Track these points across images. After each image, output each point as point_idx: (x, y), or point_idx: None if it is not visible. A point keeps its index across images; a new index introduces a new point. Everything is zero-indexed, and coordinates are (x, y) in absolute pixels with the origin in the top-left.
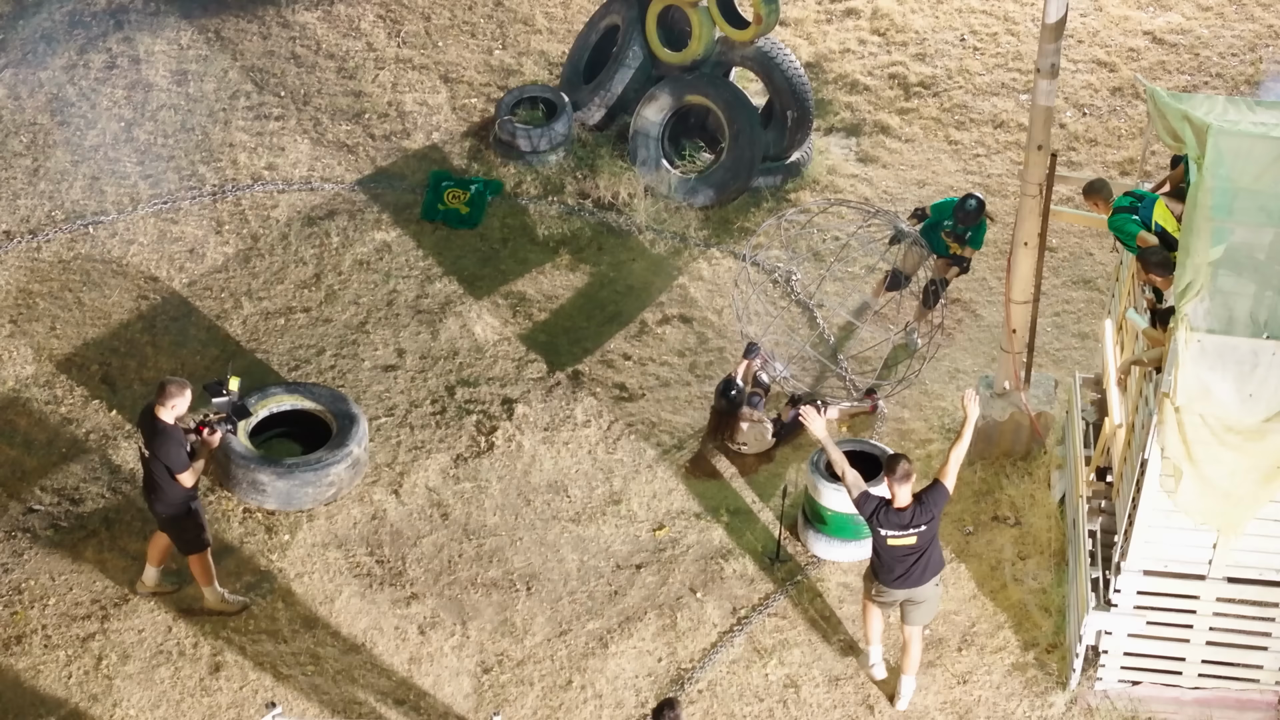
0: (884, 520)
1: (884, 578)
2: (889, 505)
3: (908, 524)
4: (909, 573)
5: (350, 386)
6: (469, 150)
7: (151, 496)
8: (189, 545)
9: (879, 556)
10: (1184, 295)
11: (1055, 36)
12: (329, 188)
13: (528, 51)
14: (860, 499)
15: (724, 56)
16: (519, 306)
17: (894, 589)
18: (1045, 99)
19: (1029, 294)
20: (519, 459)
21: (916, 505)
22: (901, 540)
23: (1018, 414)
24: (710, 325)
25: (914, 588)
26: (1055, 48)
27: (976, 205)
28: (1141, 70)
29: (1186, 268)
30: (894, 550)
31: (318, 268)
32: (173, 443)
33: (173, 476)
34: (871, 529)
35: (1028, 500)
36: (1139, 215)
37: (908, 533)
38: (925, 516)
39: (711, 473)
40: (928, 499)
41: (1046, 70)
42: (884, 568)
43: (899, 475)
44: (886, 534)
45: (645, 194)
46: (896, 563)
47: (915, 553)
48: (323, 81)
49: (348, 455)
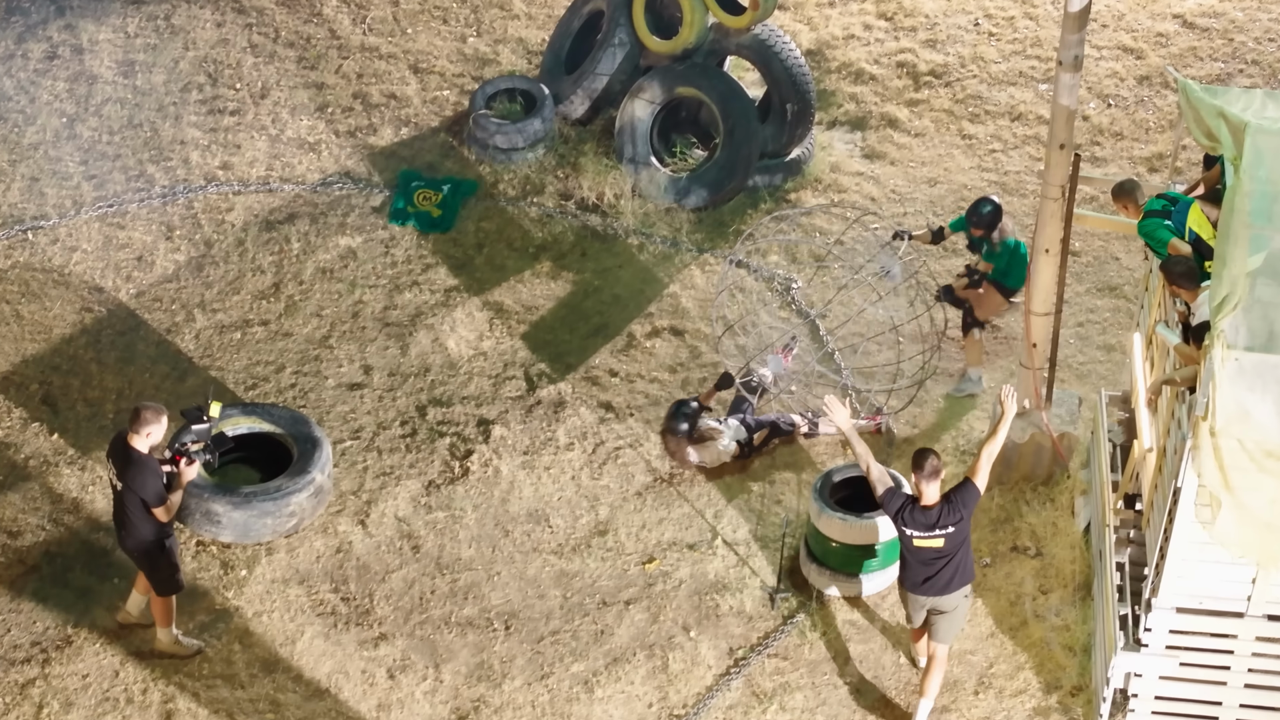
0: (910, 519)
1: (909, 582)
2: (915, 504)
3: (935, 524)
4: (935, 578)
5: (312, 407)
6: (441, 147)
7: (122, 532)
8: (162, 586)
9: (907, 556)
10: (1220, 309)
11: (1078, 26)
12: (289, 189)
13: (504, 39)
14: (886, 495)
15: (718, 45)
16: (496, 318)
17: (919, 595)
18: (1068, 94)
19: (1050, 305)
20: (496, 486)
21: (945, 505)
22: (928, 542)
23: (1038, 435)
24: (703, 338)
25: (940, 596)
26: (1079, 38)
27: (991, 210)
28: (1171, 58)
29: (1223, 279)
30: (920, 553)
31: (277, 277)
32: (148, 474)
33: (147, 511)
34: (897, 529)
35: (1050, 529)
36: (1172, 221)
37: (935, 534)
38: (954, 517)
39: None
40: (957, 499)
41: (1069, 63)
42: (909, 571)
43: (927, 471)
44: (912, 534)
45: (633, 194)
46: (922, 566)
47: (943, 557)
48: (282, 73)
49: (310, 483)
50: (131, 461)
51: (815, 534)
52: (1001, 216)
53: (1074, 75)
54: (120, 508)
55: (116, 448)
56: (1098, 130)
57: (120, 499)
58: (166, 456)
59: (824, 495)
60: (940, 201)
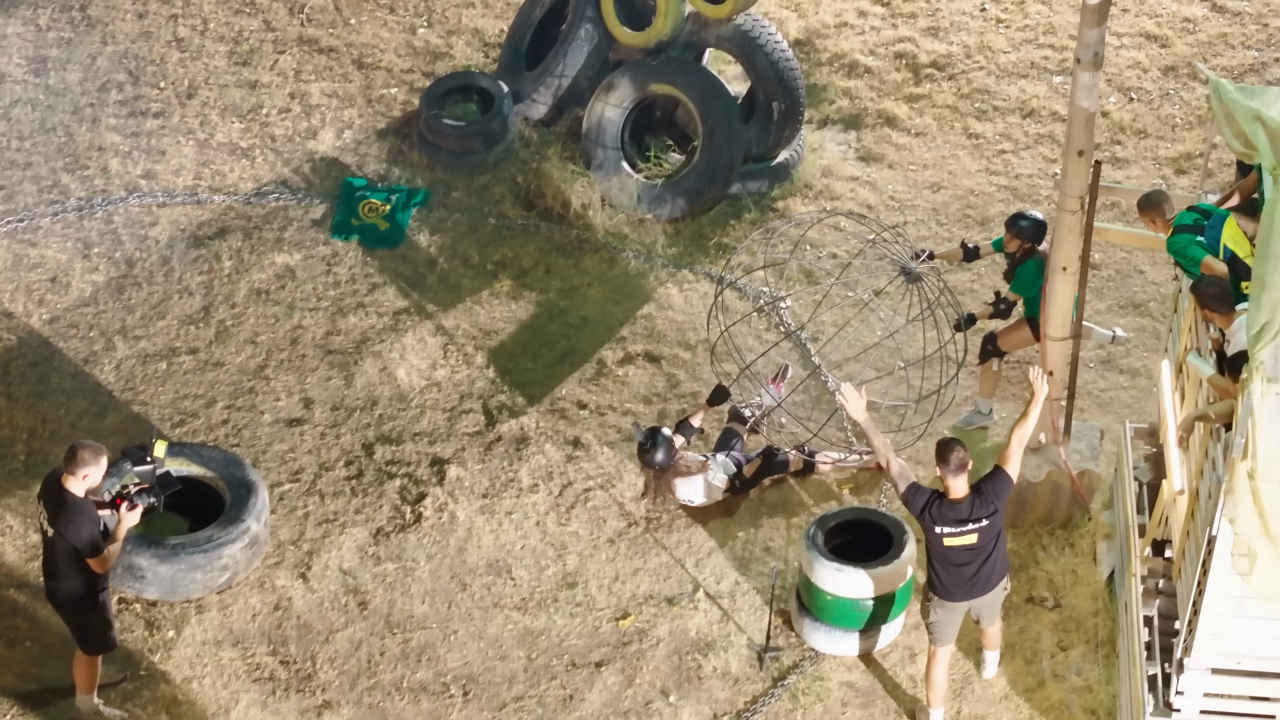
0: (939, 516)
1: (944, 590)
2: (943, 499)
3: (967, 518)
4: (975, 579)
5: (247, 446)
6: (388, 152)
7: (51, 582)
8: (92, 644)
9: (937, 565)
10: (1259, 338)
11: (1098, 20)
12: (219, 200)
13: (458, 30)
14: (909, 492)
15: (695, 36)
16: (450, 345)
17: (958, 602)
18: (1087, 95)
19: (1068, 328)
20: (452, 533)
21: (975, 497)
22: (960, 539)
23: (1056, 473)
24: (682, 364)
25: (981, 595)
26: (1099, 34)
27: (1030, 225)
28: (1199, 46)
29: (1261, 303)
30: (952, 553)
31: (206, 299)
32: (84, 520)
33: (81, 561)
34: (925, 529)
35: (1069, 578)
36: (1204, 237)
37: (967, 528)
38: (986, 509)
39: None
40: (988, 488)
41: (1088, 61)
42: (943, 577)
43: (953, 465)
44: (943, 532)
45: (602, 204)
46: (957, 570)
47: (978, 553)
48: (211, 69)
49: (244, 532)
50: (66, 506)
51: (808, 586)
52: (1043, 236)
53: (1093, 75)
54: (50, 555)
55: (49, 489)
56: (1118, 127)
57: (51, 546)
58: (105, 500)
59: (818, 542)
60: (944, 209)
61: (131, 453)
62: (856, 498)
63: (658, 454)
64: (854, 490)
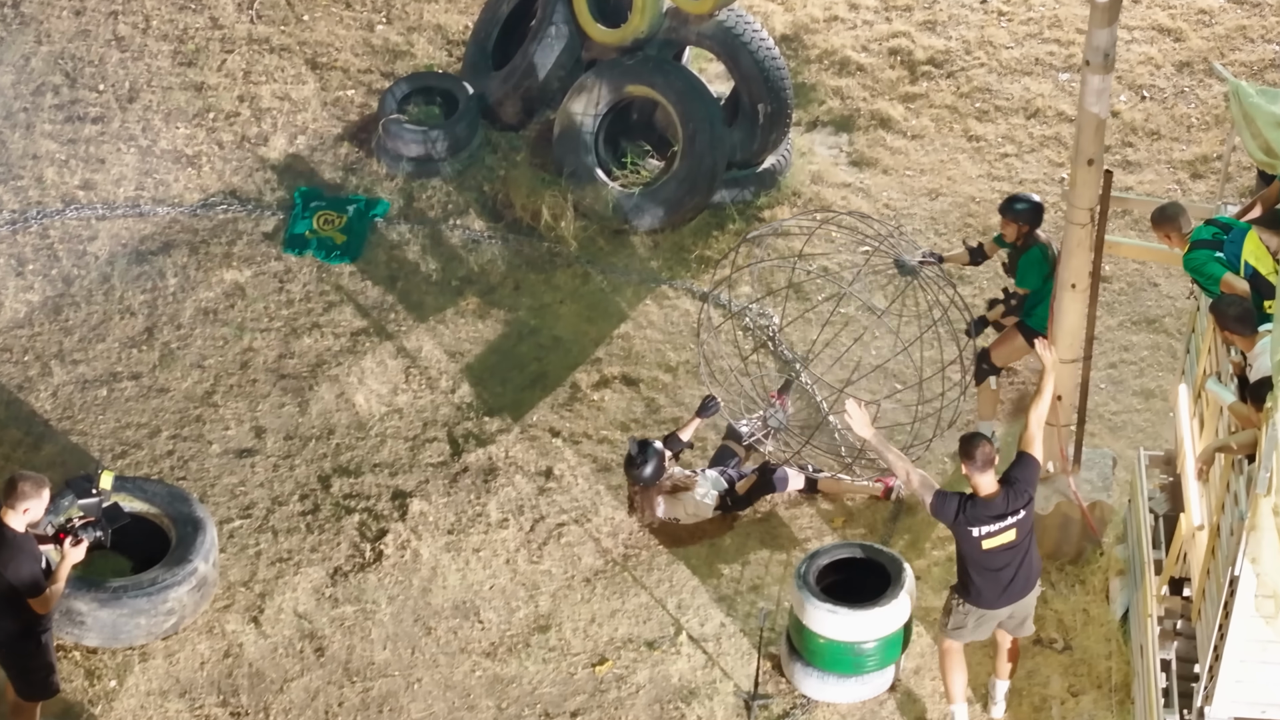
0: (974, 517)
1: (983, 599)
2: (973, 499)
3: (1004, 511)
4: (1014, 581)
5: (194, 479)
6: (345, 159)
7: None
8: (33, 689)
9: (973, 573)
10: None
11: (1108, 19)
12: (163, 212)
13: (420, 26)
14: (937, 501)
15: (674, 33)
16: (413, 368)
17: (997, 609)
18: (1097, 100)
19: (1078, 350)
20: (416, 573)
21: (1006, 489)
22: (1000, 538)
23: (1065, 504)
24: (662, 388)
25: (1020, 599)
26: (1109, 33)
27: (1027, 208)
28: (1215, 40)
29: None
30: (992, 558)
31: (150, 320)
32: (24, 556)
33: (21, 600)
34: (961, 536)
35: (1080, 618)
36: (1224, 252)
37: (1006, 523)
38: (1020, 500)
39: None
40: (1018, 477)
41: (1098, 63)
42: (981, 585)
43: (979, 461)
44: (981, 534)
45: (575, 215)
46: (996, 574)
47: (1017, 552)
48: (154, 70)
49: (191, 573)
50: (5, 542)
51: (799, 628)
52: (1042, 218)
53: (1104, 78)
54: None
55: None
56: (1129, 128)
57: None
58: (48, 535)
59: (809, 581)
60: (943, 217)
61: (76, 484)
62: (850, 531)
63: (646, 469)
64: (848, 523)
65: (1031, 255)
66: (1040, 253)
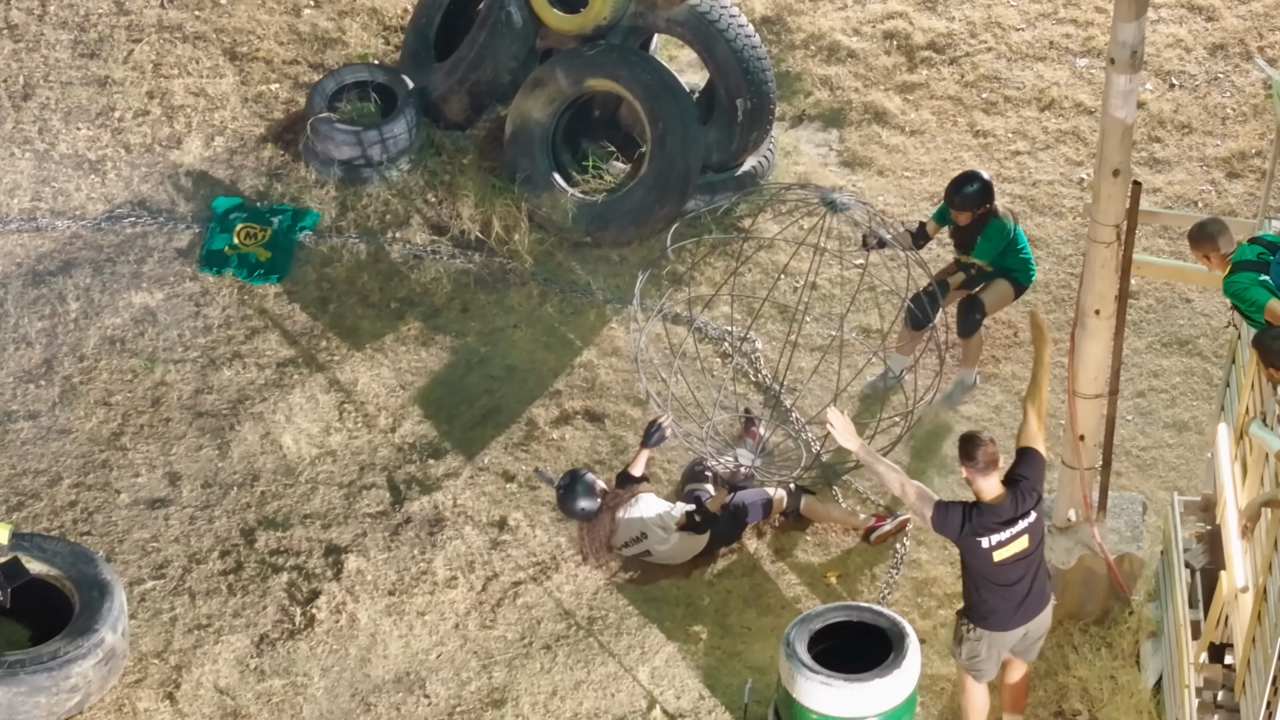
0: (981, 527)
1: (997, 619)
2: (979, 507)
3: (1014, 516)
4: (1030, 595)
5: (100, 534)
6: (269, 164)
7: None
8: None
9: (984, 592)
10: None
11: (1136, 11)
12: (63, 226)
13: (352, 10)
14: (939, 515)
15: (641, 20)
16: (347, 403)
17: (1011, 629)
18: (1124, 104)
19: (1102, 384)
20: (353, 640)
21: (1013, 491)
22: (1012, 547)
23: (1089, 558)
24: (629, 423)
25: (1036, 616)
26: (1137, 29)
27: (978, 189)
28: (1253, 18)
29: None
30: (1005, 570)
31: (48, 350)
32: None
33: None
34: (970, 550)
35: (1107, 685)
36: (1270, 275)
37: (1018, 528)
38: (1030, 501)
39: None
40: (1025, 475)
41: (1124, 62)
42: (995, 604)
43: (982, 463)
44: (992, 545)
45: (530, 225)
46: (1010, 589)
47: (1031, 563)
48: (51, 63)
49: (98, 644)
50: None
51: (789, 702)
52: (992, 196)
53: (1131, 79)
54: None
55: None
56: (1156, 121)
57: None
58: None
59: (798, 649)
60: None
61: None
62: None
63: (579, 501)
64: (842, 579)
65: (994, 226)
66: (1001, 225)
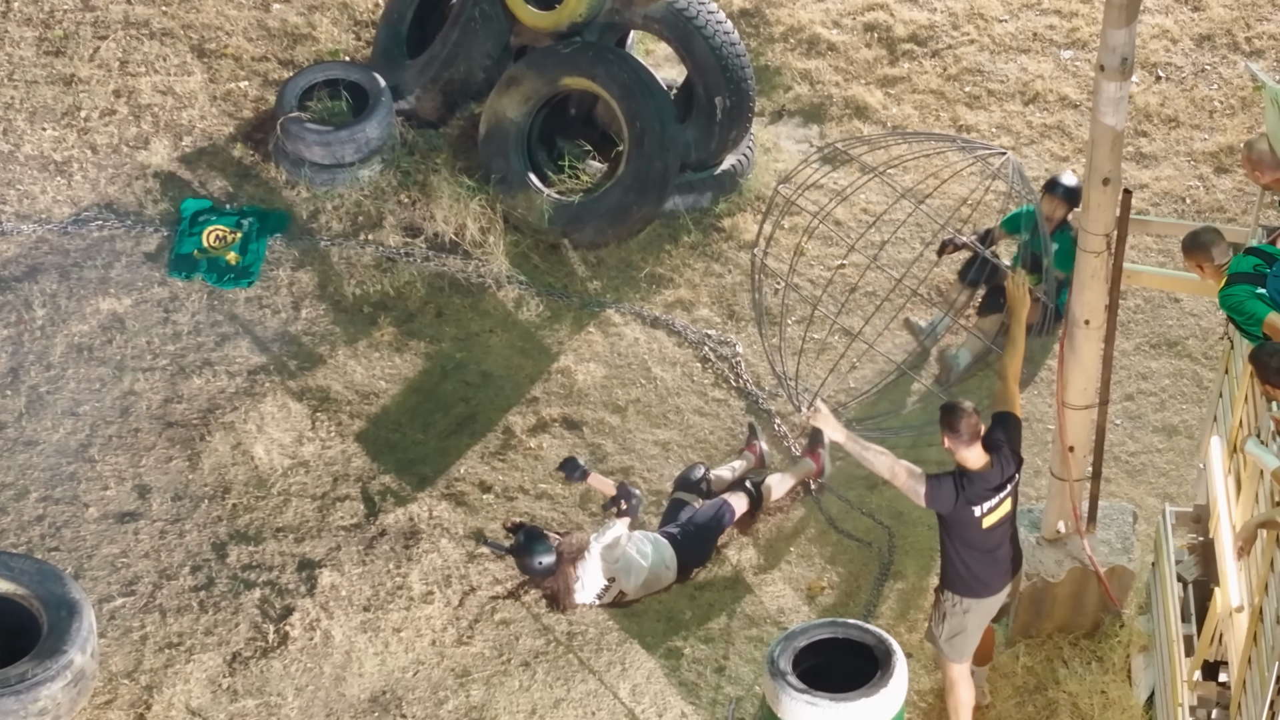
0: (974, 496)
1: (983, 585)
2: (967, 476)
3: (1001, 482)
4: (1011, 558)
5: (68, 550)
6: (238, 165)
7: None
8: None
9: (970, 560)
10: None
11: (1127, 18)
12: (28, 230)
13: (322, 5)
14: (932, 491)
15: (617, 16)
16: (320, 412)
17: (998, 593)
18: (1114, 111)
19: (1091, 395)
20: (327, 658)
21: (996, 456)
22: (998, 512)
23: (1079, 571)
24: (609, 431)
25: (1016, 573)
26: (1127, 35)
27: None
28: (1241, 8)
29: None
30: (990, 535)
31: (14, 359)
32: None
33: None
34: (960, 521)
35: (1098, 701)
36: (1267, 288)
37: (1005, 493)
38: (1012, 465)
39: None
40: (1005, 438)
41: (1114, 68)
42: (981, 571)
43: (966, 434)
44: (982, 513)
45: (505, 227)
46: (993, 553)
47: (1008, 524)
48: (15, 61)
49: (66, 666)
50: None
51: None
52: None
53: (1121, 85)
54: None
55: None
56: (1143, 114)
57: None
58: None
59: (782, 667)
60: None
61: None
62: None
63: (538, 557)
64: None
65: (1067, 238)
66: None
